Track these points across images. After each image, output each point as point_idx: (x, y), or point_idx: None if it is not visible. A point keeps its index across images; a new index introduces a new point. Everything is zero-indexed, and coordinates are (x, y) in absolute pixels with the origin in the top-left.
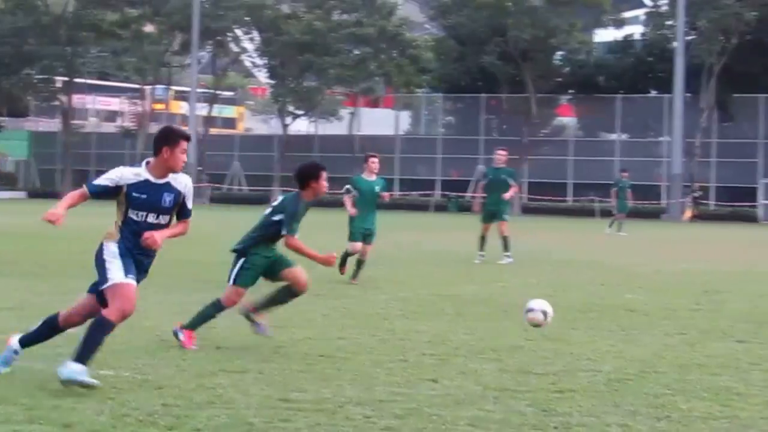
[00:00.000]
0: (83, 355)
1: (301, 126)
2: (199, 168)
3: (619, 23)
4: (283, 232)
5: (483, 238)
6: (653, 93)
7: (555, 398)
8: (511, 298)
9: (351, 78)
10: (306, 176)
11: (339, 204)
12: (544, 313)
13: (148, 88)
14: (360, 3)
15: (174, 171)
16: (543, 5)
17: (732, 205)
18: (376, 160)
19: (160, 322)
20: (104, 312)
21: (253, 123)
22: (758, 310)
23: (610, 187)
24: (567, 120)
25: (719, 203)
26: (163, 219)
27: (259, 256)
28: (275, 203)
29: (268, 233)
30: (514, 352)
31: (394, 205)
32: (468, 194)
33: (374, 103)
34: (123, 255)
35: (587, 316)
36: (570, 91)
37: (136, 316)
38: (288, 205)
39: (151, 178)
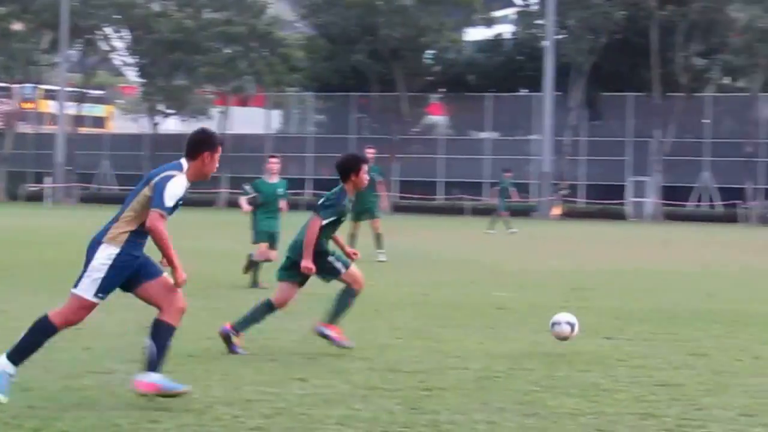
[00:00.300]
0: (17, 355)
1: (171, 125)
2: (69, 168)
3: (489, 22)
4: (317, 210)
5: (353, 236)
6: (523, 91)
7: (424, 396)
8: (381, 297)
9: (221, 77)
10: (348, 169)
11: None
12: (571, 325)
13: (16, 86)
14: (230, 1)
15: (207, 178)
16: (413, 4)
17: (601, 202)
18: (275, 160)
19: (28, 322)
20: (51, 314)
21: (123, 122)
22: (625, 307)
23: (479, 185)
24: (437, 118)
25: (589, 201)
26: None
27: (326, 249)
28: (322, 199)
29: (325, 227)
30: (383, 351)
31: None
32: None
33: (245, 102)
34: (116, 266)
35: (457, 314)
36: (440, 89)
37: (2, 317)
38: (333, 197)
39: (188, 185)
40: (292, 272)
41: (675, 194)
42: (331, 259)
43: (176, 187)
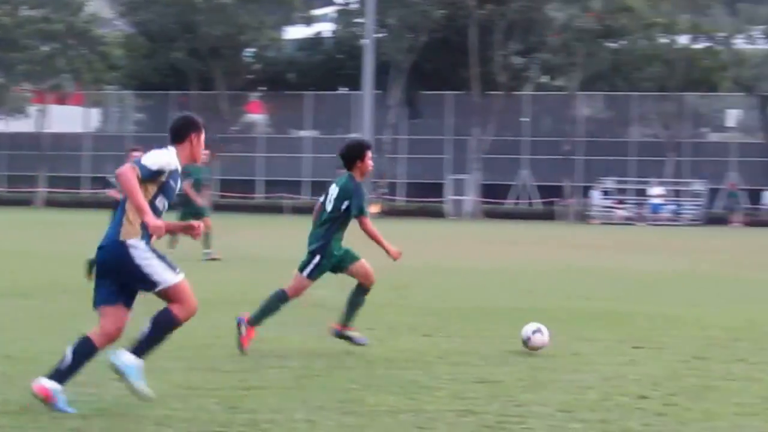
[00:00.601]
0: (142, 349)
1: None
2: None
3: (309, 20)
4: (354, 213)
5: (175, 236)
6: (343, 90)
7: (243, 395)
8: (199, 296)
9: (39, 74)
10: (352, 156)
11: (76, 204)
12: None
13: None
14: None
15: (196, 161)
16: (233, 2)
17: (421, 200)
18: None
19: None
20: (174, 309)
21: None
22: (445, 304)
23: (299, 184)
24: (257, 117)
25: (409, 199)
26: None
27: (333, 253)
28: (333, 195)
29: (340, 223)
30: (202, 350)
31: (82, 203)
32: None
33: (63, 100)
34: (154, 251)
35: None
36: (260, 88)
37: None
38: (350, 188)
39: (179, 167)
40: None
41: (494, 192)
42: (316, 262)
43: (158, 155)
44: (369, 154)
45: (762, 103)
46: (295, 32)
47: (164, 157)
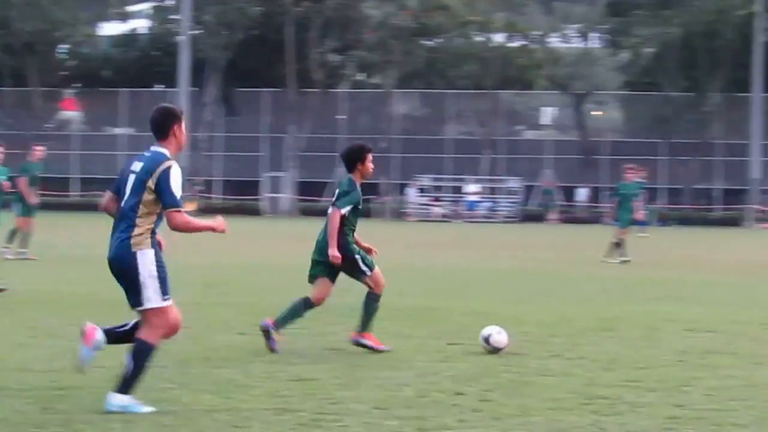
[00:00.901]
0: (128, 385)
1: None
2: None
3: (125, 17)
4: (335, 202)
5: (15, 233)
6: (158, 87)
7: (57, 396)
8: (10, 295)
9: None
10: (354, 159)
11: None
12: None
13: None
14: None
15: (182, 149)
16: None
17: (237, 198)
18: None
19: None
20: (143, 335)
21: None
22: (261, 302)
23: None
24: (71, 114)
25: (225, 197)
26: None
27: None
28: (336, 192)
29: (348, 223)
30: (14, 350)
31: None
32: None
33: None
34: (160, 265)
35: (89, 312)
36: (75, 84)
37: None
38: (346, 186)
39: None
40: (319, 268)
41: (310, 190)
42: (358, 259)
43: (176, 177)
44: (370, 156)
45: (576, 101)
46: (110, 28)
47: (178, 174)
